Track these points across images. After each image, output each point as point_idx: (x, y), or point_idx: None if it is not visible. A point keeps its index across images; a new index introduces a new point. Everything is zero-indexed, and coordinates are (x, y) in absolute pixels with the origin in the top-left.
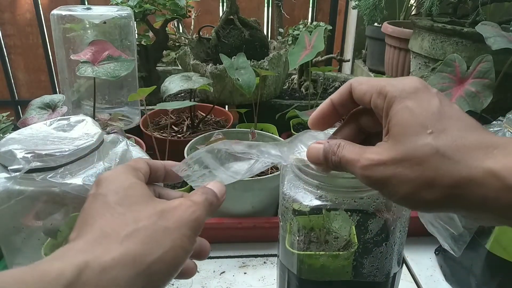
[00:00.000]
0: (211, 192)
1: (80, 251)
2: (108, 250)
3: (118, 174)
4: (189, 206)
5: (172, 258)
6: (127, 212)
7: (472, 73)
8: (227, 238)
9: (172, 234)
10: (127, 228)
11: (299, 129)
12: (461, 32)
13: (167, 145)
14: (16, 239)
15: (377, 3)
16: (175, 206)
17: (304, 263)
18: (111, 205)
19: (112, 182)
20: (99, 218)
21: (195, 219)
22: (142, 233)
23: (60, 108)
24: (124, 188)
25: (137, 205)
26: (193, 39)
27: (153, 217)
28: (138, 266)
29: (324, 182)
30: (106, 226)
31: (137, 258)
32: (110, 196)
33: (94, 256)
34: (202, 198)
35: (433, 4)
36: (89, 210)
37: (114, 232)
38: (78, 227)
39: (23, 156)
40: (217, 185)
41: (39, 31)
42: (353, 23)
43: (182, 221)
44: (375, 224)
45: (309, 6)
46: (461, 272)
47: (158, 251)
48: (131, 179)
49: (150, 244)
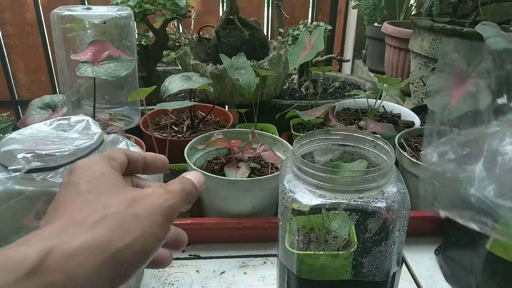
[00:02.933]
0: (189, 182)
1: (46, 237)
2: (75, 236)
3: (93, 163)
4: (162, 194)
5: (142, 246)
6: (97, 200)
7: (472, 73)
8: (227, 238)
9: (143, 221)
10: (95, 214)
11: (299, 129)
12: (461, 32)
13: (167, 145)
14: (16, 239)
15: (377, 3)
16: (148, 194)
17: (303, 262)
18: (82, 192)
19: (85, 171)
20: (69, 206)
21: (167, 207)
22: (110, 220)
23: (60, 108)
24: (97, 176)
25: (108, 193)
26: (193, 39)
27: (123, 204)
28: (105, 253)
29: (324, 181)
30: (75, 213)
31: (104, 244)
32: (82, 184)
33: (59, 241)
34: (178, 187)
35: (433, 4)
36: (60, 198)
37: (83, 219)
38: (48, 215)
39: (23, 156)
40: (195, 175)
41: (39, 31)
42: (353, 23)
43: (154, 208)
44: (374, 223)
45: (309, 6)
46: (461, 272)
47: (127, 238)
48: (105, 167)
49: (118, 230)
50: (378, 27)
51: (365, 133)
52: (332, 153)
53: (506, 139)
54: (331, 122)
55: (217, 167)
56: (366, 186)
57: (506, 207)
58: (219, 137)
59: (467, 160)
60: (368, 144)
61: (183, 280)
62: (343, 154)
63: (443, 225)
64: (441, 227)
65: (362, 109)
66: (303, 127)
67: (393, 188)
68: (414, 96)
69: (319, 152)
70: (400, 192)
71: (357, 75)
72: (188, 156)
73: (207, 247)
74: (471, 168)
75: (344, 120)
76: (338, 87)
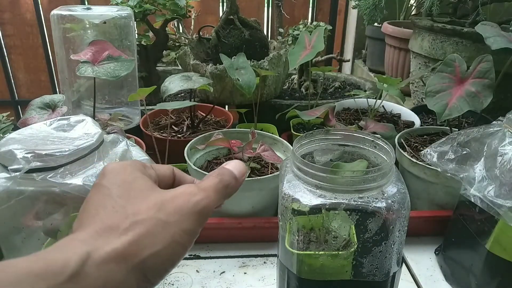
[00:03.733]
0: (228, 173)
1: (83, 242)
2: (107, 242)
3: (124, 167)
4: (193, 195)
5: (169, 254)
6: (128, 205)
7: (472, 73)
8: (227, 238)
9: (171, 229)
10: (126, 221)
11: (299, 129)
12: (461, 32)
13: (167, 145)
14: (16, 239)
15: (377, 3)
16: (177, 195)
17: (303, 262)
18: (113, 197)
19: (116, 175)
20: (101, 210)
21: (198, 212)
22: (139, 227)
23: (60, 108)
24: (128, 181)
25: (138, 198)
26: (193, 39)
27: (152, 209)
28: (134, 260)
29: (324, 181)
30: (107, 218)
31: (133, 252)
32: (113, 189)
33: (95, 247)
34: (214, 181)
35: (433, 4)
36: (91, 201)
37: (114, 225)
38: (81, 217)
39: (23, 156)
40: (237, 165)
41: (39, 31)
42: (353, 23)
43: (183, 212)
44: (374, 223)
45: (309, 6)
46: (461, 272)
47: (155, 247)
48: (136, 173)
49: (147, 238)
50: (378, 27)
51: (365, 133)
52: (332, 153)
53: (506, 139)
54: (331, 122)
55: (217, 167)
56: (366, 186)
57: (506, 207)
58: (219, 137)
59: (467, 160)
60: (368, 144)
61: (183, 280)
62: (343, 154)
63: (443, 225)
64: (441, 227)
65: (362, 109)
66: (303, 127)
67: (393, 188)
68: (414, 96)
69: (319, 152)
70: (400, 192)
71: (357, 75)
72: (188, 156)
73: (207, 247)
74: (471, 168)
75: (344, 120)
76: (338, 87)
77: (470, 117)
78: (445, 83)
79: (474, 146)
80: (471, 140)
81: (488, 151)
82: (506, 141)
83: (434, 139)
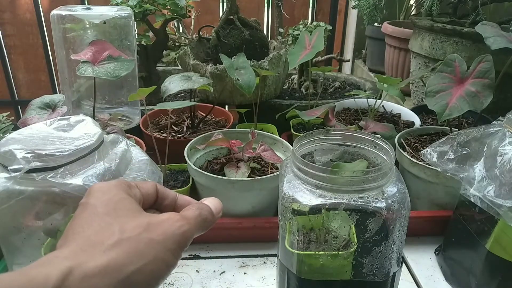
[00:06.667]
0: (206, 208)
1: (66, 258)
2: (91, 258)
3: (111, 187)
4: (177, 221)
5: (152, 270)
6: (114, 223)
7: (472, 73)
8: (227, 238)
9: (156, 246)
10: (112, 237)
11: (299, 129)
12: (461, 32)
13: (167, 145)
14: (16, 239)
15: (377, 3)
16: (163, 220)
17: (303, 262)
18: (100, 215)
19: (103, 194)
20: (87, 227)
21: (181, 234)
22: (125, 244)
23: (60, 108)
24: (114, 201)
25: (125, 217)
26: (193, 39)
27: (138, 228)
28: (118, 275)
29: (324, 181)
30: (93, 235)
31: (118, 267)
32: (100, 207)
33: (77, 263)
34: (195, 213)
35: (433, 4)
36: (77, 219)
37: (99, 241)
38: (66, 235)
39: (23, 156)
40: (214, 202)
41: (39, 31)
42: (353, 23)
43: (167, 234)
44: (374, 223)
45: (309, 6)
46: (461, 272)
47: (139, 262)
48: (122, 194)
49: (132, 255)
50: (378, 27)
51: (365, 133)
52: (332, 153)
53: (506, 139)
54: (331, 122)
55: (217, 167)
56: (366, 186)
57: (506, 207)
58: (219, 137)
59: (467, 160)
60: (368, 144)
61: (183, 280)
62: (343, 154)
63: (443, 225)
64: (441, 227)
65: (362, 109)
66: (303, 127)
67: (393, 188)
68: (414, 96)
69: (319, 152)
70: (400, 192)
71: (357, 75)
72: (188, 156)
73: (207, 247)
74: (471, 168)
75: (344, 120)
76: (338, 87)
77: (470, 117)
78: (445, 83)
79: (474, 146)
80: (471, 140)
81: (488, 151)
82: (506, 141)
83: (434, 139)
